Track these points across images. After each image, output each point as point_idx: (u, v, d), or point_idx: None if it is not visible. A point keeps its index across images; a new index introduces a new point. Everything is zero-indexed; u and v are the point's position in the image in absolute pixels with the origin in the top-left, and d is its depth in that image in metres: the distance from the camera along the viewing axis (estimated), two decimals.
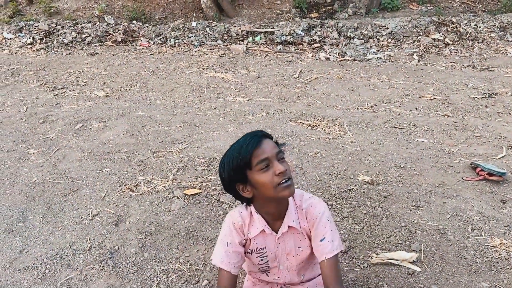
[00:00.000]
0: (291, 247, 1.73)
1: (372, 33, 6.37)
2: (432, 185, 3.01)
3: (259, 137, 1.55)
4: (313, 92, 4.79)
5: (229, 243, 1.68)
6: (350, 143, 3.67)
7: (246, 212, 1.70)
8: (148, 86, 5.19)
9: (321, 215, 1.67)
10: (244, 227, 1.70)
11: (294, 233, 1.71)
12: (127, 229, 2.57)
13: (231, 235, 1.69)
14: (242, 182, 1.56)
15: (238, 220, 1.69)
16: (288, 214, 1.67)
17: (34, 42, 7.10)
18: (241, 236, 1.70)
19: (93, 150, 3.65)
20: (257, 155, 1.52)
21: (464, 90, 4.76)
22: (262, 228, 1.68)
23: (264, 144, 1.53)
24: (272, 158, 1.52)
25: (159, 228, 2.58)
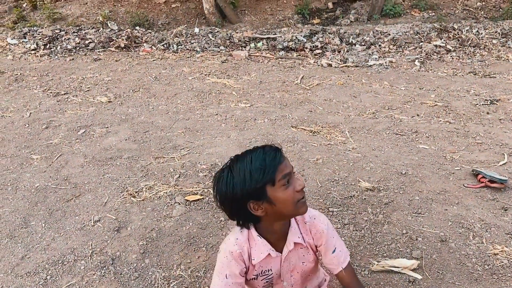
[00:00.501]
0: (296, 263, 1.69)
1: (374, 39, 6.39)
2: (433, 192, 3.01)
3: (279, 150, 1.47)
4: (314, 98, 4.81)
5: (228, 275, 1.57)
6: (351, 149, 3.68)
7: (243, 237, 1.60)
8: (151, 92, 5.22)
9: (327, 227, 1.65)
10: (243, 254, 1.60)
11: (298, 249, 1.66)
12: (128, 235, 2.58)
13: (229, 266, 1.58)
14: (257, 199, 1.44)
15: (235, 248, 1.58)
16: (292, 231, 1.62)
17: (38, 47, 7.15)
18: (241, 265, 1.60)
19: (95, 156, 3.67)
20: (281, 170, 1.43)
21: (466, 96, 4.76)
22: (267, 252, 1.60)
23: (285, 159, 1.46)
24: (292, 173, 1.46)
25: (161, 234, 2.59)
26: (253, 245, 1.61)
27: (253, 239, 1.60)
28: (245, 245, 1.60)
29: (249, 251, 1.61)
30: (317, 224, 1.64)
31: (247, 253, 1.61)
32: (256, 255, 1.61)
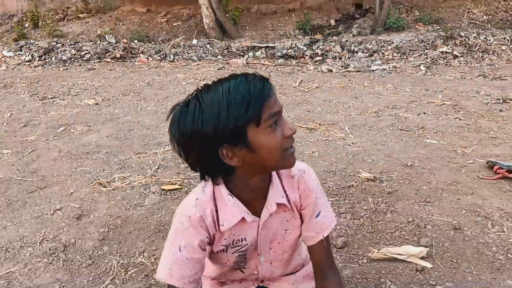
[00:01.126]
0: (277, 231, 1.30)
1: (376, 47, 6.15)
2: (443, 182, 2.65)
3: (267, 80, 1.08)
4: (313, 100, 4.50)
5: (182, 248, 1.18)
6: (351, 144, 3.34)
7: (206, 196, 1.21)
8: (141, 95, 4.95)
9: (316, 185, 1.28)
10: (205, 218, 1.20)
11: (281, 212, 1.27)
12: (89, 223, 2.24)
13: (185, 235, 1.18)
14: (233, 144, 1.07)
15: (194, 211, 1.19)
16: (274, 188, 1.23)
17: (33, 59, 7.00)
18: (202, 233, 1.20)
19: (71, 151, 3.36)
20: (270, 106, 1.06)
21: (476, 97, 4.43)
22: (241, 216, 1.21)
23: (275, 93, 1.10)
24: (281, 113, 1.10)
25: (126, 222, 2.24)
26: (221, 206, 1.21)
27: (222, 198, 1.20)
28: (209, 206, 1.20)
29: (213, 214, 1.21)
30: (307, 179, 1.27)
31: (210, 217, 1.21)
32: (226, 219, 1.21)
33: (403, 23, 8.08)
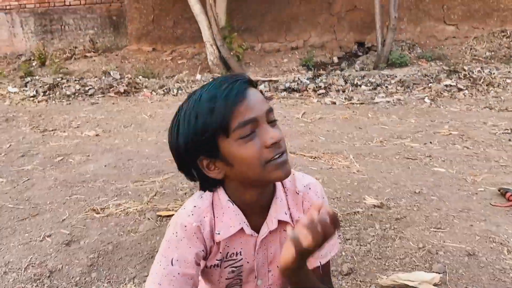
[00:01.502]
0: (276, 253, 1.16)
1: (380, 81, 6.13)
2: (454, 209, 2.51)
3: (244, 83, 0.99)
4: (316, 130, 4.43)
5: (175, 261, 1.04)
6: (356, 171, 3.22)
7: (204, 204, 1.10)
8: (143, 127, 4.90)
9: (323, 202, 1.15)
10: (202, 228, 1.07)
11: (282, 231, 1.14)
12: (78, 249, 2.11)
13: (179, 247, 1.06)
14: (208, 156, 1.01)
15: (190, 220, 1.06)
16: (277, 203, 1.11)
17: (37, 94, 7.03)
18: (198, 246, 1.07)
19: (67, 179, 3.26)
20: (240, 113, 0.95)
21: (483, 127, 4.34)
22: (240, 225, 1.09)
23: (251, 96, 0.98)
24: (261, 119, 0.97)
25: (118, 248, 2.11)
26: (219, 213, 1.09)
27: (221, 205, 1.09)
28: (207, 215, 1.08)
29: (212, 223, 1.09)
30: (312, 196, 1.14)
31: (208, 226, 1.08)
32: (223, 228, 1.09)
33: (406, 60, 8.12)
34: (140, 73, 8.88)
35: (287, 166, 1.01)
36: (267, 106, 0.99)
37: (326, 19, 9.76)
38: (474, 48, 8.62)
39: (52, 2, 11.31)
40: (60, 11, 11.43)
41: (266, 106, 0.99)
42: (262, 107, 0.98)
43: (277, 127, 1.01)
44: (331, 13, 9.71)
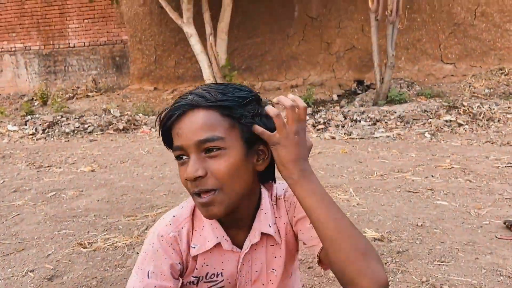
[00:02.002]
0: (261, 270, 1.08)
1: (379, 116, 6.11)
2: (459, 242, 2.39)
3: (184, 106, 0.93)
4: (315, 164, 4.34)
5: (151, 273, 0.99)
6: (356, 205, 3.12)
7: (184, 213, 1.05)
8: (139, 162, 4.83)
9: None
10: (179, 240, 1.02)
11: (268, 246, 1.08)
12: (60, 284, 1.99)
13: (155, 258, 1.00)
14: None
15: (167, 230, 1.02)
16: (261, 215, 1.05)
17: (36, 132, 7.03)
18: (174, 257, 1.02)
19: (57, 214, 3.16)
20: (174, 135, 0.96)
21: (485, 161, 4.25)
22: (217, 240, 1.03)
23: (183, 123, 0.93)
24: (189, 149, 0.92)
25: (103, 283, 1.99)
26: (198, 226, 1.04)
27: (201, 217, 1.03)
28: (185, 225, 1.03)
29: (189, 235, 1.04)
30: (288, 195, 1.08)
31: (186, 238, 1.03)
32: (199, 242, 1.03)
33: (405, 97, 8.14)
34: (140, 111, 8.92)
35: (208, 209, 0.93)
36: (200, 136, 0.91)
37: (325, 58, 9.90)
38: (473, 85, 8.66)
39: (56, 44, 11.56)
40: (64, 52, 11.66)
41: (197, 136, 0.91)
42: (192, 137, 0.91)
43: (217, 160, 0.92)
44: (330, 52, 9.86)
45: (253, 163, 0.98)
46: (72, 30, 11.40)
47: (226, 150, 0.92)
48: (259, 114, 0.97)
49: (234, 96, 0.94)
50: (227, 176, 0.92)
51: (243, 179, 0.95)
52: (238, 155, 0.93)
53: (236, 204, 0.97)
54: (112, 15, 11.12)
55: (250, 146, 0.96)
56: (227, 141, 0.92)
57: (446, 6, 9.07)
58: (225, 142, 0.92)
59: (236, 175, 0.93)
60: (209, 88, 0.96)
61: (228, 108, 0.93)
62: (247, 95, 0.96)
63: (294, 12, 9.85)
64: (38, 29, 11.51)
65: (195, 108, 0.93)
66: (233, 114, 0.93)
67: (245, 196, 1.00)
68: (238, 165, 0.93)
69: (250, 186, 1.00)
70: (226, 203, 0.93)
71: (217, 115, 0.92)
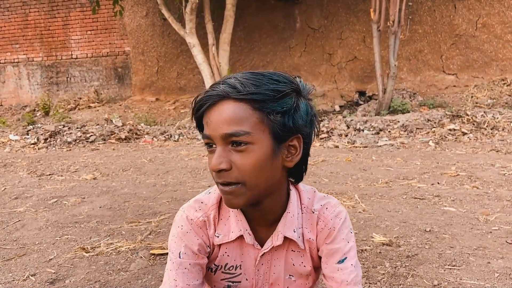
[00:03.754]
0: (279, 274, 1.06)
1: (382, 125, 6.08)
2: (469, 247, 2.35)
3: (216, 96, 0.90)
4: (319, 172, 4.31)
5: (183, 253, 1.00)
6: (362, 211, 3.07)
7: (211, 200, 1.04)
8: (142, 171, 4.80)
9: (342, 223, 1.04)
10: (208, 224, 1.02)
11: (289, 250, 1.05)
12: (62, 287, 1.93)
13: (184, 240, 1.02)
14: None
15: (196, 215, 1.02)
16: (286, 218, 1.02)
17: (38, 141, 7.00)
18: (205, 239, 1.03)
19: (59, 220, 3.12)
20: (204, 123, 0.94)
21: (491, 169, 4.21)
22: (240, 232, 1.01)
23: (213, 113, 0.90)
24: (216, 139, 0.91)
25: (106, 286, 1.94)
26: (224, 215, 1.04)
27: (227, 208, 1.02)
28: (212, 212, 1.03)
29: (216, 222, 1.03)
30: (328, 216, 1.04)
31: (213, 224, 1.03)
32: (223, 232, 1.02)
33: (407, 107, 8.13)
34: (142, 121, 8.91)
35: (229, 198, 0.92)
36: (227, 130, 0.88)
37: (327, 69, 9.92)
38: (475, 96, 8.66)
39: (59, 55, 11.61)
40: (67, 63, 11.70)
41: (224, 129, 0.89)
42: (219, 129, 0.89)
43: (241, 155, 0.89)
44: (331, 63, 9.89)
45: (282, 159, 0.94)
46: (75, 42, 11.46)
47: (253, 145, 0.89)
48: (293, 108, 0.92)
49: (268, 89, 0.90)
50: (252, 171, 0.90)
51: (268, 175, 0.92)
52: (265, 151, 0.90)
53: (258, 198, 0.95)
54: (115, 26, 11.18)
55: (280, 141, 0.92)
56: (254, 136, 0.89)
57: (447, 18, 9.11)
58: (252, 137, 0.89)
59: (261, 171, 0.91)
60: (243, 78, 0.92)
61: (259, 101, 0.89)
62: (283, 88, 0.91)
63: (296, 23, 9.91)
64: (41, 40, 11.57)
65: (225, 99, 0.90)
66: (263, 109, 0.89)
67: (270, 192, 0.97)
68: (264, 161, 0.90)
69: (276, 182, 0.97)
70: (247, 196, 0.92)
71: (247, 108, 0.89)
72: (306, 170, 1.05)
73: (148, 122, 8.90)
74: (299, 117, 0.93)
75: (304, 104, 0.95)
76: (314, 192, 1.09)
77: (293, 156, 0.96)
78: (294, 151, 0.96)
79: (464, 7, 9.02)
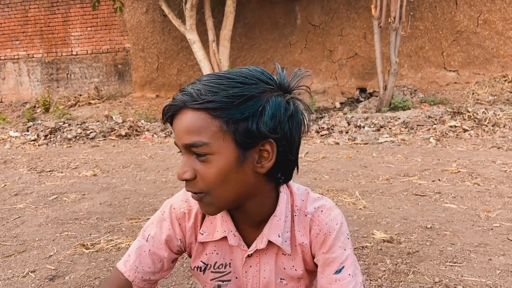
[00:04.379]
0: (270, 279, 1.02)
1: (383, 122, 6.06)
2: (470, 244, 2.34)
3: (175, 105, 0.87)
4: (320, 169, 4.30)
5: (150, 237, 1.01)
6: (362, 208, 3.06)
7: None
8: (142, 167, 4.79)
9: (339, 229, 0.99)
10: (187, 218, 1.01)
11: (279, 254, 1.01)
12: (62, 283, 1.93)
13: (158, 226, 1.02)
14: None
15: (180, 205, 1.01)
16: (272, 222, 0.98)
17: (38, 138, 6.99)
18: (179, 231, 1.01)
19: (59, 217, 3.11)
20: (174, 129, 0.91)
21: (492, 165, 4.20)
22: (224, 234, 0.99)
23: (176, 121, 0.88)
24: (181, 149, 0.90)
25: None
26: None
27: None
28: (196, 206, 1.00)
29: (198, 219, 1.01)
30: (323, 220, 0.98)
31: (193, 220, 1.01)
32: (208, 230, 1.01)
33: (408, 104, 8.11)
34: (142, 118, 8.90)
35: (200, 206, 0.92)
36: (186, 140, 0.86)
37: (327, 66, 9.90)
38: (476, 92, 8.63)
39: (59, 51, 11.58)
40: (67, 60, 11.68)
41: (184, 139, 0.86)
42: (180, 139, 0.88)
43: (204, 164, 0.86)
44: (332, 60, 9.86)
45: (252, 165, 0.89)
46: (75, 38, 11.43)
47: (213, 156, 0.86)
48: (258, 113, 0.86)
49: (227, 95, 0.84)
50: (214, 182, 0.87)
51: (234, 184, 0.88)
52: (227, 160, 0.86)
53: (232, 205, 0.92)
54: (115, 23, 11.15)
55: (246, 148, 0.87)
56: (213, 146, 0.85)
57: (448, 14, 9.07)
58: (211, 148, 0.85)
59: (225, 181, 0.87)
60: (204, 83, 0.86)
61: (215, 109, 0.84)
62: (245, 92, 0.85)
63: (297, 19, 9.87)
64: (41, 37, 11.54)
65: (184, 109, 0.86)
66: (221, 116, 0.84)
67: (249, 196, 0.93)
68: (228, 170, 0.86)
69: (252, 187, 0.91)
70: (216, 205, 0.90)
71: (206, 116, 0.84)
72: (297, 169, 0.99)
73: (148, 119, 8.88)
74: (265, 122, 0.86)
75: (279, 103, 0.89)
76: (307, 193, 1.04)
77: (264, 162, 0.89)
78: (267, 155, 0.89)
79: (465, 3, 8.98)
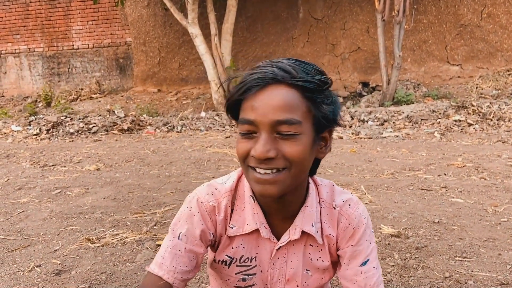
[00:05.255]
0: (297, 270, 1.02)
1: (387, 116, 6.03)
2: (479, 239, 2.32)
3: (265, 79, 0.85)
4: (324, 163, 4.27)
5: (182, 235, 0.97)
6: (368, 202, 3.04)
7: (225, 188, 1.00)
8: (145, 161, 4.77)
9: (367, 223, 1.02)
10: (217, 210, 0.98)
11: (307, 245, 1.01)
12: (68, 278, 1.92)
13: (188, 222, 0.98)
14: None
15: (207, 198, 0.98)
16: (305, 212, 0.98)
17: (40, 132, 6.97)
18: (211, 225, 0.99)
19: (63, 211, 3.09)
20: (244, 109, 0.87)
21: (498, 160, 4.18)
22: (256, 226, 0.97)
23: (262, 97, 0.84)
24: (261, 126, 0.84)
25: (112, 277, 1.91)
26: (238, 206, 1.00)
27: (242, 198, 1.00)
28: (225, 200, 0.99)
29: (228, 212, 0.99)
30: (352, 213, 1.00)
31: (223, 213, 0.99)
32: (238, 223, 0.99)
33: (412, 98, 8.07)
34: (144, 112, 8.87)
35: (265, 188, 0.87)
36: (279, 116, 0.83)
37: (330, 60, 9.85)
38: (480, 86, 8.59)
39: (60, 45, 11.54)
40: (68, 54, 11.63)
41: (276, 116, 0.83)
42: (269, 115, 0.84)
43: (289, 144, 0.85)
44: (335, 54, 9.81)
45: (317, 150, 0.92)
46: (76, 32, 11.38)
47: (301, 135, 0.86)
48: (334, 101, 0.91)
49: (319, 79, 0.87)
50: (298, 161, 0.87)
51: (307, 164, 0.91)
52: (309, 141, 0.88)
53: (292, 188, 0.92)
54: (116, 17, 11.09)
55: (318, 132, 0.90)
56: (303, 125, 0.86)
57: (452, 8, 9.01)
58: (301, 127, 0.85)
59: (305, 161, 0.89)
60: (293, 63, 0.87)
61: (310, 90, 0.86)
62: (327, 80, 0.89)
63: (299, 13, 9.82)
64: (42, 31, 11.49)
65: (277, 84, 0.85)
66: (313, 98, 0.86)
67: (299, 183, 0.95)
68: (308, 151, 0.88)
69: (306, 173, 0.95)
70: (287, 184, 0.88)
71: (299, 96, 0.85)
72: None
73: (150, 113, 8.86)
74: (337, 111, 0.92)
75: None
76: (332, 186, 1.05)
77: (323, 148, 0.94)
78: (324, 143, 0.94)
79: None
